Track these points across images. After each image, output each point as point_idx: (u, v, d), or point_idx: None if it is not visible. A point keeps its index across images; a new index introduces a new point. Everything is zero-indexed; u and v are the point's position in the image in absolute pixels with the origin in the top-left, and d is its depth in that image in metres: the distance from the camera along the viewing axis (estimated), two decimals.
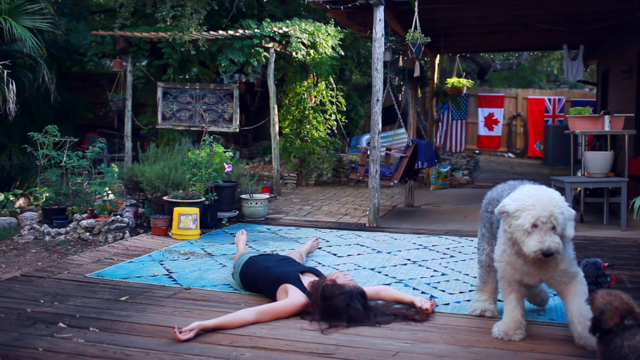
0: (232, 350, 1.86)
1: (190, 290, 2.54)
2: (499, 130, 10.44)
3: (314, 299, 2.15)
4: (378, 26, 4.09)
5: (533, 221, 1.80)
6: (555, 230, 1.80)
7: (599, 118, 4.55)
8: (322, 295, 2.12)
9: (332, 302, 2.10)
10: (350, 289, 2.14)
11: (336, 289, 2.12)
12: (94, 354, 1.82)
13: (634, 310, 1.64)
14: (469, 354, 1.86)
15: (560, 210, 1.81)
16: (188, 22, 5.65)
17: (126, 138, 6.31)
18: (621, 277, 2.73)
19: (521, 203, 1.84)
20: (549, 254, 1.78)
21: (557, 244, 1.79)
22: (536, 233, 1.79)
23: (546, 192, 1.86)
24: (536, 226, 1.80)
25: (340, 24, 6.30)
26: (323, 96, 6.54)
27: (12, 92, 4.71)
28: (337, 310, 2.09)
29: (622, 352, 1.54)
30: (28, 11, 5.14)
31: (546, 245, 1.77)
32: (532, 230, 1.80)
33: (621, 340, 1.56)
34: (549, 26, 5.72)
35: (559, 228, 1.80)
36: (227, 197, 4.21)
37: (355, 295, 2.12)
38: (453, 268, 2.98)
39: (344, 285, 2.15)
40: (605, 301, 1.66)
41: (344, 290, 2.12)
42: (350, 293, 2.12)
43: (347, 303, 2.08)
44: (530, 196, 1.84)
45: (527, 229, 1.81)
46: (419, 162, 4.57)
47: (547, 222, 1.79)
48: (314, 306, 2.15)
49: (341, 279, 2.20)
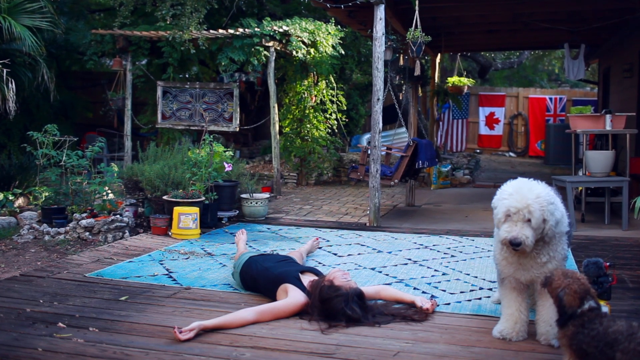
0: (232, 350, 1.86)
1: (190, 290, 2.54)
2: (500, 129, 10.42)
3: (313, 300, 2.15)
4: (379, 25, 4.08)
5: (505, 211, 1.80)
6: (530, 223, 1.78)
7: (600, 117, 4.54)
8: (320, 297, 2.12)
9: (329, 304, 2.10)
10: (346, 291, 2.13)
11: (332, 291, 2.12)
12: (93, 354, 1.82)
13: (591, 290, 1.63)
14: (470, 354, 1.86)
15: (540, 204, 1.78)
16: (188, 20, 5.64)
17: (126, 137, 6.30)
18: (622, 277, 2.73)
19: (500, 194, 1.86)
20: (516, 244, 1.77)
21: (525, 236, 1.77)
22: (507, 222, 1.80)
23: (529, 185, 1.85)
24: (509, 216, 1.80)
25: (340, 23, 6.29)
26: (323, 95, 6.53)
27: (12, 91, 4.69)
28: (334, 312, 2.09)
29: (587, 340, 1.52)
30: (27, 10, 5.12)
31: (512, 235, 1.76)
32: (505, 220, 1.81)
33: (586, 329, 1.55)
34: (550, 25, 5.70)
35: (534, 221, 1.78)
36: (227, 197, 4.20)
37: (351, 297, 2.12)
38: (454, 268, 2.97)
39: (341, 287, 2.14)
40: (563, 285, 1.63)
41: (339, 292, 2.12)
42: (346, 295, 2.11)
43: (342, 306, 2.08)
44: (511, 187, 1.85)
45: (501, 218, 1.82)
46: (420, 161, 4.56)
47: (519, 213, 1.78)
48: (313, 307, 2.14)
49: (339, 279, 2.20)
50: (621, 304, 2.36)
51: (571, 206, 4.02)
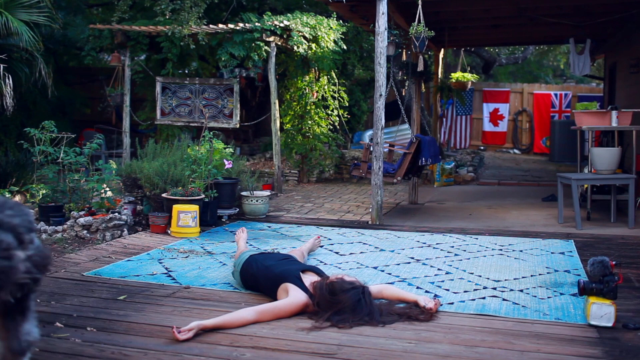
0: (232, 350, 1.84)
1: (190, 289, 2.51)
2: (504, 126, 10.35)
3: (320, 296, 2.13)
4: (381, 19, 4.03)
5: None
6: None
7: (606, 113, 4.48)
8: (331, 291, 2.12)
9: (343, 296, 2.10)
10: (361, 285, 2.18)
11: (347, 284, 2.14)
12: (91, 354, 1.79)
13: None
14: (474, 354, 1.83)
15: None
16: (187, 15, 5.58)
17: (124, 134, 6.25)
18: (629, 276, 2.70)
19: None
20: None
21: None
22: None
23: None
24: None
25: (342, 18, 6.22)
26: (325, 91, 6.47)
27: (9, 87, 4.65)
28: (346, 304, 2.09)
29: None
30: (24, 4, 5.07)
31: None
32: None
33: None
34: (556, 19, 5.62)
35: None
36: (227, 194, 4.16)
37: (366, 291, 2.15)
38: (457, 267, 2.93)
39: (354, 281, 2.18)
40: None
41: (355, 285, 2.15)
42: (362, 289, 2.15)
43: (358, 298, 2.11)
44: None
45: None
46: (423, 158, 4.51)
47: None
48: (320, 303, 2.12)
49: (348, 277, 2.21)
50: (627, 303, 2.32)
51: (576, 204, 3.98)
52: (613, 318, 2.05)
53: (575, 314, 2.21)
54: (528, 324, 2.11)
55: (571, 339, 1.96)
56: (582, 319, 2.16)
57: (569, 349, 1.87)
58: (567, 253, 3.24)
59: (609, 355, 1.82)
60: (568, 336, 1.98)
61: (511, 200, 5.41)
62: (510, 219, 4.43)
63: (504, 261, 3.05)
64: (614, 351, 1.86)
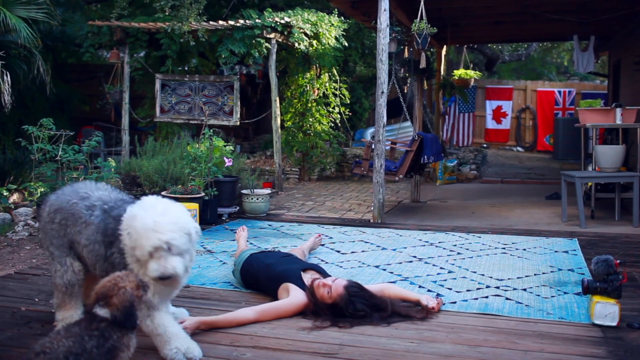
0: (232, 350, 1.82)
1: (189, 288, 2.48)
2: (508, 123, 10.29)
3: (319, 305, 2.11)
4: (383, 16, 3.99)
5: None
6: None
7: (611, 111, 4.44)
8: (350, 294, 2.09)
9: (352, 300, 2.09)
10: (369, 290, 2.17)
11: (359, 289, 2.13)
12: None
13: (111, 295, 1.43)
14: (477, 353, 1.81)
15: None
16: (187, 12, 5.54)
17: (123, 131, 6.22)
18: (633, 275, 2.69)
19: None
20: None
21: None
22: None
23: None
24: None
25: (344, 14, 6.18)
26: (326, 88, 6.43)
27: (7, 84, 4.62)
28: (354, 310, 2.07)
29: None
30: (23, 1, 5.04)
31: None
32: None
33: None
34: (559, 16, 5.58)
35: None
36: (228, 193, 4.14)
37: (369, 296, 2.14)
38: (460, 265, 2.91)
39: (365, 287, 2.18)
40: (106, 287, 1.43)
41: (367, 292, 2.15)
42: (371, 293, 2.14)
43: (367, 301, 2.11)
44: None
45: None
46: (425, 156, 4.48)
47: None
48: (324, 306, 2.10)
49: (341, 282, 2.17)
50: (632, 302, 2.30)
51: (580, 202, 3.94)
52: (617, 317, 2.04)
53: (579, 313, 2.19)
54: (531, 323, 2.09)
55: (575, 338, 1.94)
56: (586, 318, 2.13)
57: (573, 348, 1.85)
58: (571, 252, 3.21)
59: (614, 355, 1.80)
60: (572, 335, 1.97)
61: (514, 199, 5.37)
62: (514, 217, 4.39)
63: (507, 260, 3.02)
64: (618, 351, 1.83)
